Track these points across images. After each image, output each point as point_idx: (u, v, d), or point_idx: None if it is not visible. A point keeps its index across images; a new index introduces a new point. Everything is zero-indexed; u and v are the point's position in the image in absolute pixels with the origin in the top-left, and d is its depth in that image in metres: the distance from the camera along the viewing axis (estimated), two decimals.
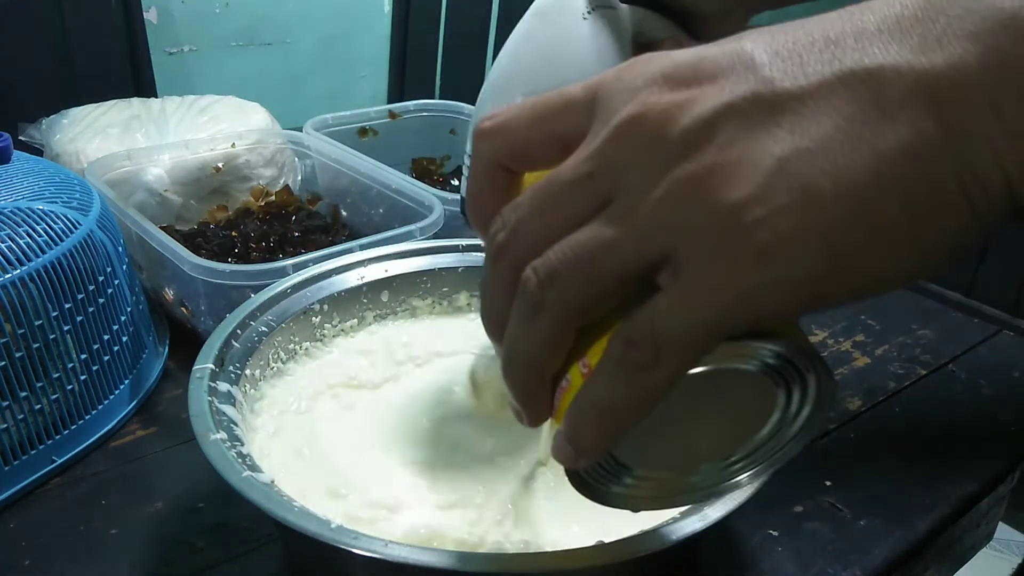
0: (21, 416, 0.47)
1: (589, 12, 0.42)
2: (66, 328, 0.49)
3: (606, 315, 0.26)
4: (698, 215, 0.23)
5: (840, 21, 0.23)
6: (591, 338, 0.26)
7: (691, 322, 0.23)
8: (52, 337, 0.48)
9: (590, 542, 0.38)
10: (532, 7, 0.44)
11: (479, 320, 0.29)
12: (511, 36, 0.44)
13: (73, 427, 0.50)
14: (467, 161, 0.44)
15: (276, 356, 0.49)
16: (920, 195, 0.22)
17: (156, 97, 0.85)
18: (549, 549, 0.39)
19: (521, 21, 0.43)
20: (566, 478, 0.28)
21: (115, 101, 0.83)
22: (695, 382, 0.25)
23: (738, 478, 0.29)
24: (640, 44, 0.44)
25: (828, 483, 0.50)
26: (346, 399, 0.49)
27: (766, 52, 0.23)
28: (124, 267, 0.55)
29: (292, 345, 0.51)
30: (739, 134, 0.23)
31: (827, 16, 0.24)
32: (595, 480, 0.28)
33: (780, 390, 0.26)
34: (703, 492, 0.29)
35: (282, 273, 0.53)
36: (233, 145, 0.76)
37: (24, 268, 0.46)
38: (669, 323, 0.23)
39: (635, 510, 0.29)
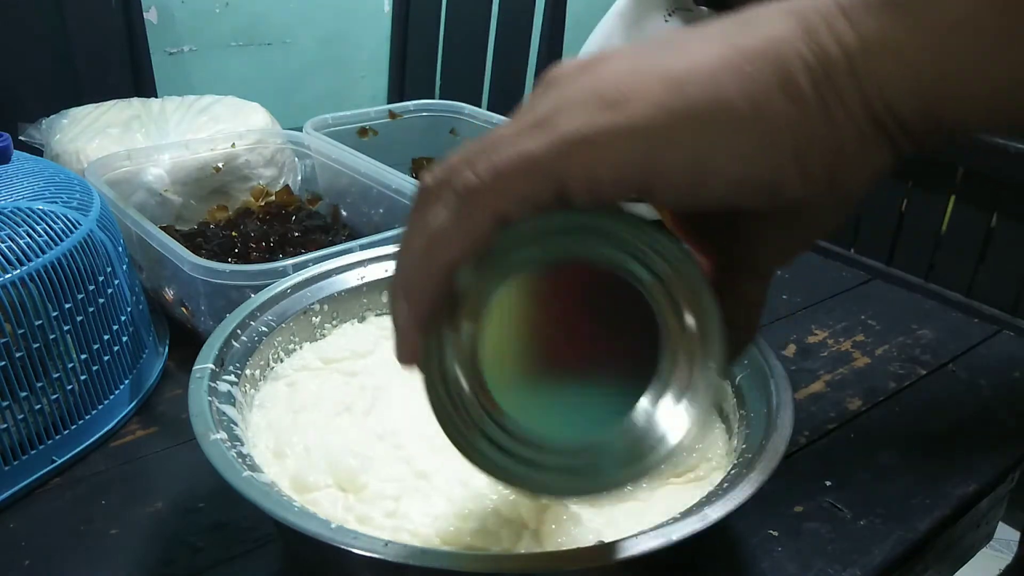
0: (21, 416, 0.47)
1: (670, 15, 0.43)
2: (66, 328, 0.49)
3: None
4: (574, 94, 0.26)
5: None
6: None
7: (527, 152, 0.25)
8: (52, 337, 0.48)
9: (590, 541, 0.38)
10: (612, 8, 0.44)
11: None
12: (591, 36, 0.44)
13: (73, 427, 0.50)
14: None
15: (276, 356, 0.49)
16: (764, 80, 0.24)
17: (156, 97, 0.85)
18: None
19: (602, 22, 0.44)
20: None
21: (115, 101, 0.83)
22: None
23: (664, 433, 0.29)
24: None
25: (828, 483, 0.50)
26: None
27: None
28: (124, 267, 0.55)
29: (292, 345, 0.50)
30: (630, 55, 0.26)
31: None
32: (485, 446, 0.29)
33: (650, 298, 0.28)
34: (622, 473, 0.29)
35: (282, 273, 0.53)
36: (233, 145, 0.76)
37: (24, 268, 0.46)
38: (509, 151, 0.25)
39: (540, 493, 0.31)
